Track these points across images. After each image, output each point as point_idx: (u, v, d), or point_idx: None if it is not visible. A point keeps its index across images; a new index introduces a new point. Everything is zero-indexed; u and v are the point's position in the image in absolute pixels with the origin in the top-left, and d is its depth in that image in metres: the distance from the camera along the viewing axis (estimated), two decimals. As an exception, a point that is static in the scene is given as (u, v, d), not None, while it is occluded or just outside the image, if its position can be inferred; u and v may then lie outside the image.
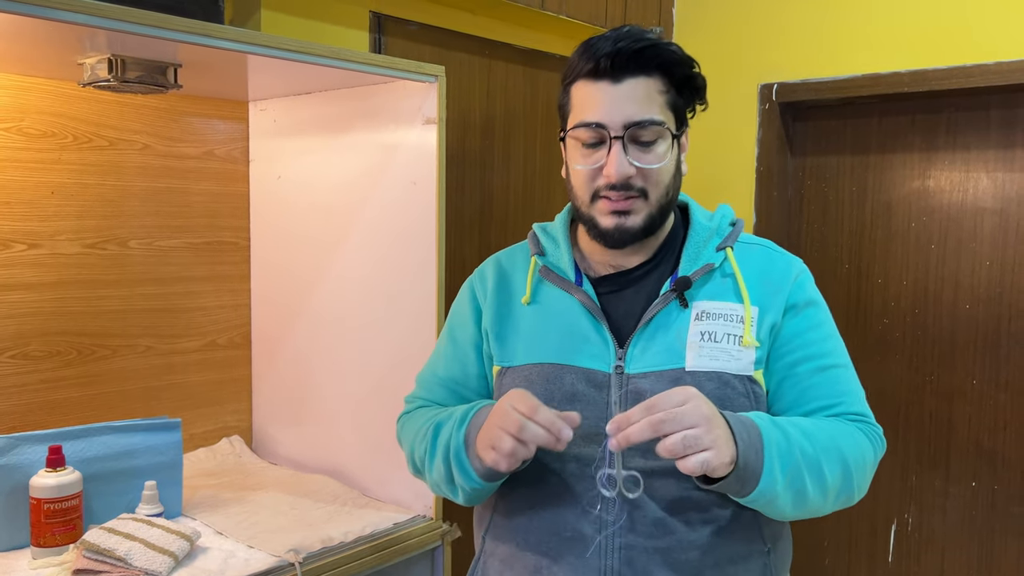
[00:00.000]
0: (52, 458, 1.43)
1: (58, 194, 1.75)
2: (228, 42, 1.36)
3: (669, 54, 1.12)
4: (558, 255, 1.21)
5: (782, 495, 1.04)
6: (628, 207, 1.11)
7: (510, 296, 1.23)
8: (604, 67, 1.09)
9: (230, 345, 2.06)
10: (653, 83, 1.11)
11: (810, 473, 1.06)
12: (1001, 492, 2.45)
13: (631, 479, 1.06)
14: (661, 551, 1.09)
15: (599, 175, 1.11)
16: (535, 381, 1.15)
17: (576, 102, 1.13)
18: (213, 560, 1.43)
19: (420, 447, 1.21)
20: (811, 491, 1.06)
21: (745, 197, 2.75)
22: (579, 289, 1.17)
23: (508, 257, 1.30)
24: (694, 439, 0.96)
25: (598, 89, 1.10)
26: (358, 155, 1.82)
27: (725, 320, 1.13)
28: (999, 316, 2.44)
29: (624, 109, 1.09)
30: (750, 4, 2.73)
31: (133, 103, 1.85)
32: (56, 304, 1.76)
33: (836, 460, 1.08)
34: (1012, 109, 2.39)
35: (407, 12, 2.23)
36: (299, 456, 1.98)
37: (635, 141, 1.10)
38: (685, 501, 1.10)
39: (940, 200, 2.53)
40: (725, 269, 1.17)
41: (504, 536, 1.19)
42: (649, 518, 1.09)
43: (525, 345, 1.18)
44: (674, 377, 1.10)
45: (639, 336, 1.13)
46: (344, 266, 1.87)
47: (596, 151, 1.11)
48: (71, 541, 1.42)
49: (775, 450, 1.03)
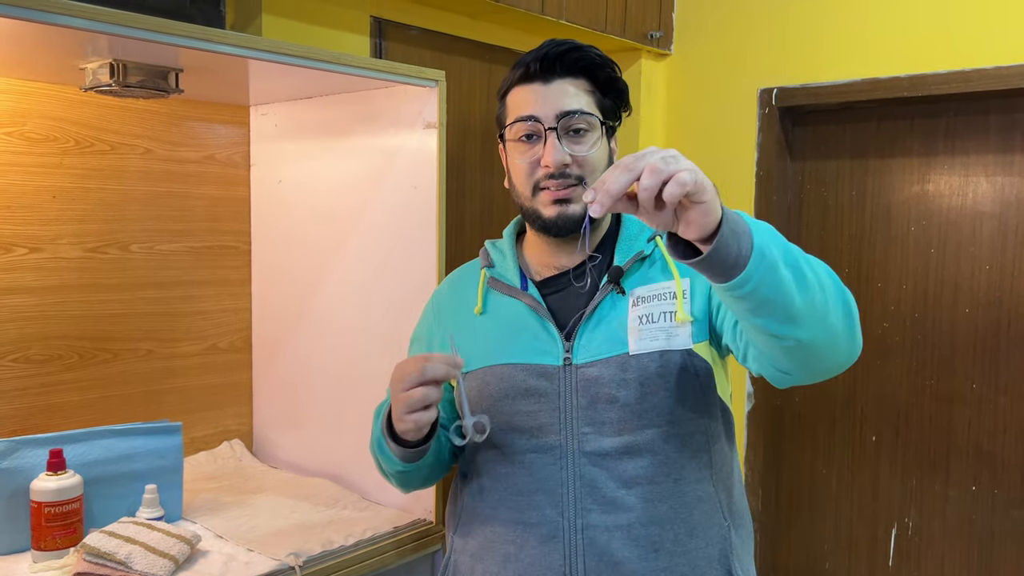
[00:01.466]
0: (53, 462, 1.43)
1: (59, 198, 1.76)
2: (229, 47, 1.36)
3: (592, 57, 1.22)
4: (504, 265, 1.30)
5: (780, 263, 0.92)
6: (568, 195, 1.19)
7: (465, 309, 1.31)
8: (534, 70, 1.20)
9: (231, 349, 2.06)
10: (580, 83, 1.21)
11: (797, 252, 0.96)
12: (1001, 496, 2.45)
13: (479, 425, 1.13)
14: (622, 528, 1.15)
15: (537, 168, 1.20)
16: (490, 382, 1.23)
17: (511, 105, 1.24)
18: (213, 564, 1.43)
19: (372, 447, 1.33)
20: (808, 272, 0.95)
21: (745, 201, 2.76)
22: (524, 293, 1.25)
23: (460, 275, 1.39)
24: (672, 157, 0.86)
25: (530, 90, 1.21)
26: (359, 159, 1.82)
27: (659, 300, 1.19)
28: (998, 320, 2.44)
29: (555, 103, 1.19)
30: (750, 9, 2.74)
31: (134, 107, 1.85)
32: (57, 308, 1.76)
33: (822, 267, 1.00)
34: (1011, 114, 2.40)
35: (407, 17, 2.24)
36: (300, 460, 1.98)
37: (568, 131, 1.19)
38: (639, 477, 1.15)
39: (939, 204, 2.54)
40: (655, 256, 1.24)
41: (472, 531, 1.26)
42: (608, 497, 1.16)
43: (479, 351, 1.25)
44: (619, 362, 1.17)
45: (583, 328, 1.21)
46: (345, 270, 1.87)
47: (532, 146, 1.21)
48: (71, 545, 1.42)
49: (757, 225, 0.94)
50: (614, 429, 1.16)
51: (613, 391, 1.17)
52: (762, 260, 0.90)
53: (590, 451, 1.17)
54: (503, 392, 1.21)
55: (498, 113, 1.29)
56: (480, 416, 1.15)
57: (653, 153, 0.87)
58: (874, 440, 2.67)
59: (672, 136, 2.93)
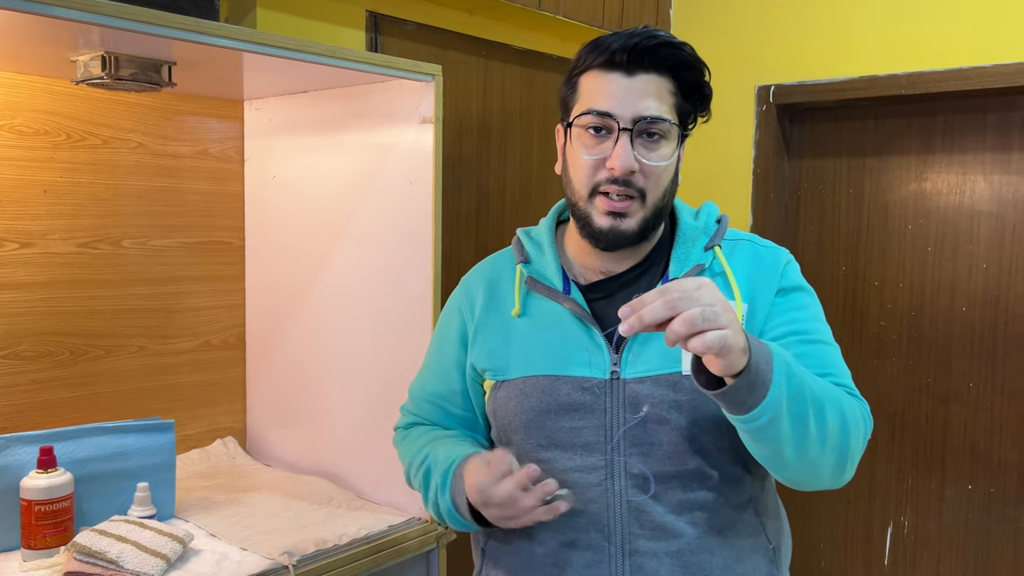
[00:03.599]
0: (43, 459, 1.41)
1: (50, 193, 1.74)
2: (223, 39, 1.35)
3: (684, 56, 1.11)
4: (544, 263, 1.20)
5: (786, 418, 0.96)
6: (625, 208, 1.09)
7: (499, 309, 1.22)
8: (620, 59, 1.08)
9: (224, 346, 2.05)
10: (665, 83, 1.10)
11: (813, 406, 1.00)
12: (997, 495, 2.45)
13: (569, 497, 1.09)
14: (672, 555, 1.09)
15: (601, 168, 1.09)
16: (530, 394, 1.14)
17: (585, 91, 1.12)
18: (206, 563, 1.41)
19: (415, 480, 1.25)
20: (812, 427, 1.00)
21: (742, 199, 2.75)
22: (568, 298, 1.16)
23: (493, 268, 1.27)
24: (712, 314, 0.89)
25: (610, 80, 1.09)
26: (354, 154, 1.81)
27: None
28: (995, 319, 2.44)
29: (636, 102, 1.08)
30: (747, 6, 2.73)
31: (127, 101, 1.83)
32: (48, 304, 1.74)
33: (835, 408, 1.03)
34: (1009, 112, 2.39)
35: (404, 11, 2.22)
36: (293, 458, 1.97)
37: (642, 136, 1.09)
38: (691, 502, 1.09)
39: (937, 203, 2.53)
40: (715, 268, 1.16)
41: (508, 549, 1.19)
42: (656, 522, 1.09)
43: (518, 358, 1.17)
44: (672, 381, 1.10)
45: (633, 340, 1.12)
46: (339, 266, 1.86)
47: (601, 142, 1.10)
48: (62, 543, 1.40)
49: (783, 365, 0.97)
50: (664, 452, 1.09)
51: (664, 412, 1.09)
52: (764, 414, 0.95)
53: (637, 473, 1.10)
54: (545, 406, 1.13)
55: (563, 92, 1.16)
56: (567, 494, 1.09)
57: (695, 301, 0.89)
58: (870, 439, 2.67)
59: (669, 133, 2.92)
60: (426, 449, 1.24)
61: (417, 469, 1.23)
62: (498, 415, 1.19)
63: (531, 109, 2.64)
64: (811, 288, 1.20)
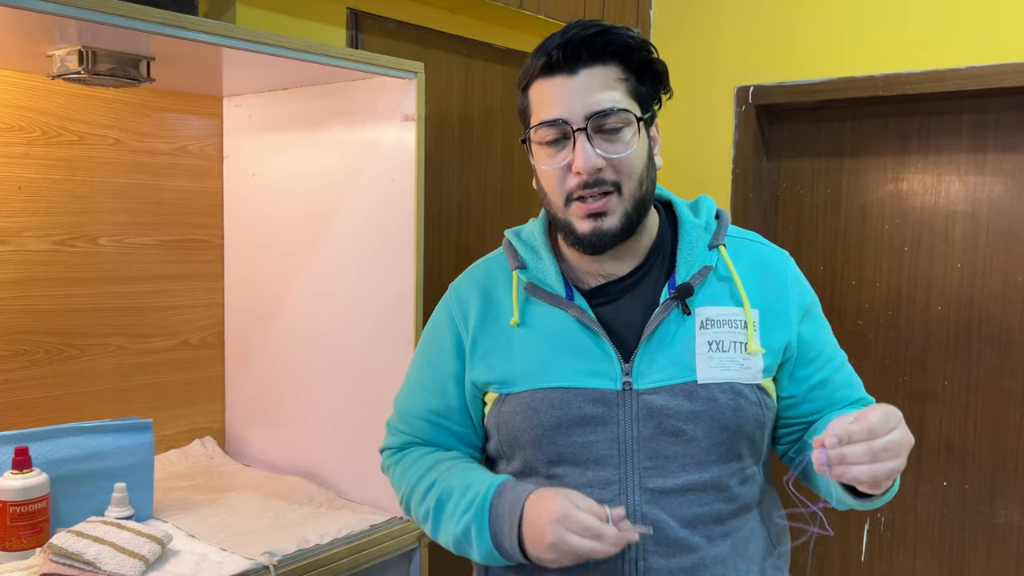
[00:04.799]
0: (18, 459, 1.39)
1: (25, 189, 1.71)
2: (202, 34, 1.33)
3: (622, 39, 1.06)
4: (542, 268, 1.14)
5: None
6: (603, 207, 1.05)
7: (496, 318, 1.15)
8: (557, 59, 1.05)
9: (203, 345, 2.03)
10: (610, 71, 1.06)
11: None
12: (971, 492, 2.48)
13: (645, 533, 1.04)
14: (685, 570, 1.06)
15: (568, 174, 1.05)
16: (539, 408, 1.09)
17: (535, 102, 1.08)
18: (185, 563, 1.40)
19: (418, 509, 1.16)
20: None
21: (721, 199, 2.77)
22: (572, 304, 1.10)
23: (486, 273, 1.20)
24: (891, 473, 0.94)
25: (554, 84, 1.06)
26: (335, 152, 1.80)
27: (729, 327, 1.09)
28: (970, 318, 2.47)
29: (584, 100, 1.04)
30: (727, 7, 2.74)
31: (104, 97, 1.81)
32: (23, 302, 1.71)
33: None
34: (983, 114, 2.43)
35: (385, 9, 2.22)
36: (273, 457, 1.95)
37: (599, 131, 1.04)
38: (703, 516, 1.07)
39: (913, 203, 2.57)
40: (720, 271, 1.12)
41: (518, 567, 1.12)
42: (670, 538, 1.06)
43: (523, 370, 1.11)
44: (687, 391, 1.06)
45: (644, 348, 1.08)
46: (320, 264, 1.84)
47: (561, 149, 1.06)
48: (38, 545, 1.38)
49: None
50: (679, 465, 1.06)
51: (680, 424, 1.06)
52: (887, 498, 1.06)
53: (652, 488, 1.06)
54: (555, 420, 1.07)
55: (520, 106, 1.12)
56: (645, 529, 1.04)
57: (896, 455, 0.93)
58: (847, 437, 2.70)
59: (649, 133, 2.93)
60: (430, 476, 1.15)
61: (422, 499, 1.15)
62: (503, 430, 1.13)
63: (512, 108, 2.64)
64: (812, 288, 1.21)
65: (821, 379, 1.15)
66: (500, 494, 1.07)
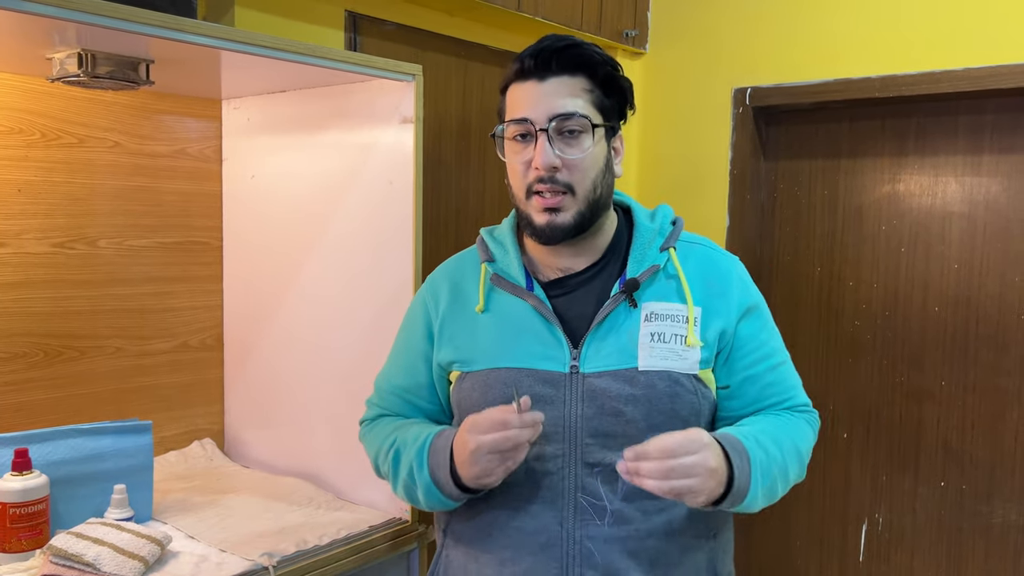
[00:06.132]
0: (18, 461, 1.39)
1: (24, 192, 1.71)
2: (201, 37, 1.34)
3: (591, 54, 1.18)
4: (507, 261, 1.26)
5: (761, 500, 1.16)
6: (557, 204, 1.17)
7: (464, 305, 1.28)
8: (529, 66, 1.17)
9: (202, 347, 2.03)
10: (577, 81, 1.18)
11: (780, 478, 1.19)
12: (969, 492, 2.49)
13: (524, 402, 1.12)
14: (620, 540, 1.16)
15: (530, 169, 1.17)
16: (493, 385, 1.20)
17: (509, 104, 1.22)
18: (184, 565, 1.40)
19: (384, 465, 1.29)
20: (779, 491, 1.20)
21: (719, 200, 2.77)
22: (531, 294, 1.22)
23: (457, 265, 1.35)
24: (688, 490, 1.06)
25: (525, 88, 1.18)
26: (333, 154, 1.80)
27: (672, 321, 1.20)
28: (967, 319, 2.48)
29: (549, 103, 1.16)
30: (725, 9, 2.75)
31: (103, 99, 1.81)
32: (22, 304, 1.72)
33: (796, 459, 1.22)
34: (979, 115, 2.44)
35: (383, 12, 2.22)
36: (272, 459, 1.96)
37: (560, 133, 1.16)
38: (639, 491, 1.14)
39: (910, 204, 2.57)
40: (669, 270, 1.23)
41: (467, 532, 1.25)
42: (608, 509, 1.16)
43: (483, 351, 1.23)
44: (628, 376, 1.17)
45: (592, 337, 1.19)
46: (318, 267, 1.85)
47: (526, 147, 1.18)
48: (38, 546, 1.38)
49: (759, 471, 1.13)
50: (618, 443, 1.15)
51: (620, 405, 1.16)
52: (744, 511, 1.16)
53: (592, 462, 1.17)
54: (507, 397, 1.18)
55: (499, 107, 1.26)
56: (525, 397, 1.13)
57: (687, 476, 1.05)
58: (845, 437, 2.70)
59: (646, 135, 2.94)
60: (393, 435, 1.28)
61: (385, 455, 1.27)
62: (462, 405, 1.25)
63: (510, 110, 2.65)
64: (760, 294, 1.30)
65: (753, 374, 1.24)
66: (440, 435, 1.21)
